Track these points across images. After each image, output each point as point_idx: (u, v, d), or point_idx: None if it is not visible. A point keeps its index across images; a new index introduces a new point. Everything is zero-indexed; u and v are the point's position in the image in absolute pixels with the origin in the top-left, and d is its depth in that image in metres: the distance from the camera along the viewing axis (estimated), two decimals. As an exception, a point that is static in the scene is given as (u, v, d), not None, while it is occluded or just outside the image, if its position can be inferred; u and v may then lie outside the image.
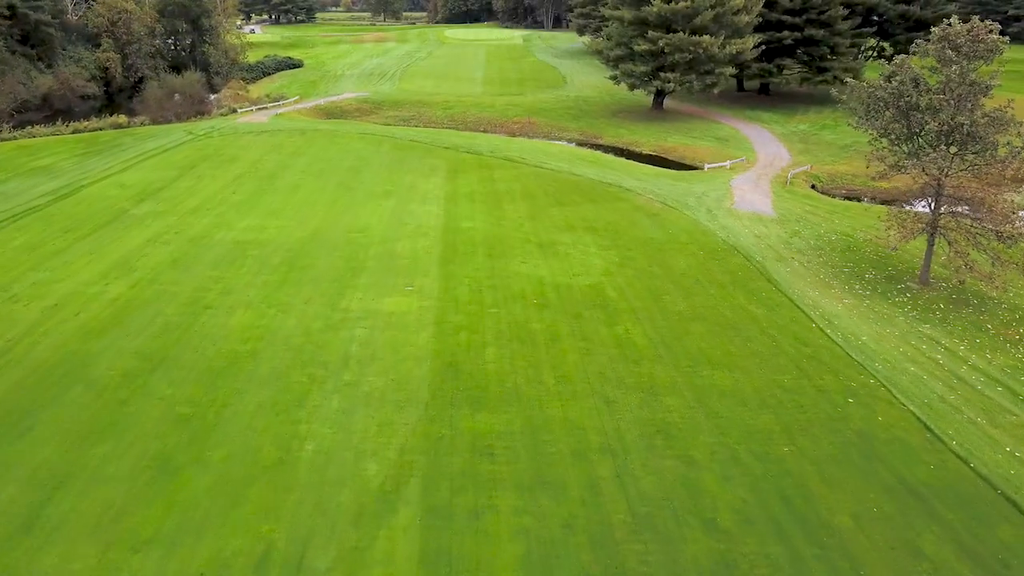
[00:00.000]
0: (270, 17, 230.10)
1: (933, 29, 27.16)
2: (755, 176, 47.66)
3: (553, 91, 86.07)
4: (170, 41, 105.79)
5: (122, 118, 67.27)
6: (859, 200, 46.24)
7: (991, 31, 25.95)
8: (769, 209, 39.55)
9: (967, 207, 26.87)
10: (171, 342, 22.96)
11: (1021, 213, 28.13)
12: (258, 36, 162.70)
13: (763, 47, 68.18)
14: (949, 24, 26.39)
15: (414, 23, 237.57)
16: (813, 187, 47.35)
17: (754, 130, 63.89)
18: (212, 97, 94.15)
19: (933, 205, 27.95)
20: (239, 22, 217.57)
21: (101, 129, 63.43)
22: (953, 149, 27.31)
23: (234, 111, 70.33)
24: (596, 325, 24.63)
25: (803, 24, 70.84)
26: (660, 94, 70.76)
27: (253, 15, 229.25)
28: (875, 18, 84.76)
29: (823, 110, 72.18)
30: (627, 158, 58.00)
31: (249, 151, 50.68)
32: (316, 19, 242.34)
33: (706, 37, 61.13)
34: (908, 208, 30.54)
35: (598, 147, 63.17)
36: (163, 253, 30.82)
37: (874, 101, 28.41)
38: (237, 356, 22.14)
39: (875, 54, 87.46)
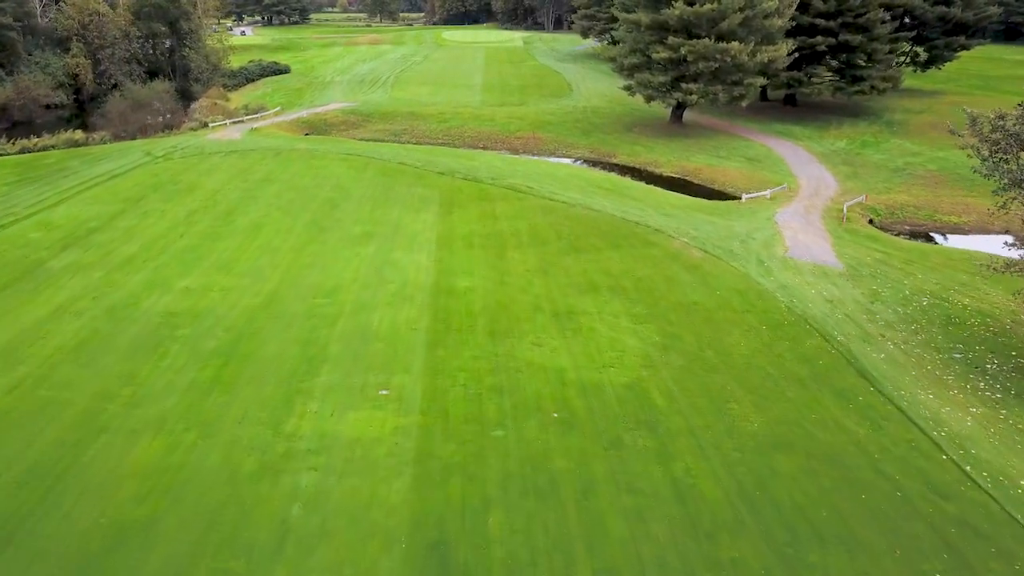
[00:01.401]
0: (263, 19, 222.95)
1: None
2: (803, 209, 40.61)
3: (558, 100, 79.06)
4: (148, 45, 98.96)
5: (78, 134, 60.27)
6: (929, 239, 39.31)
7: None
8: (832, 257, 32.49)
9: None
10: (33, 500, 15.84)
11: None
12: (248, 38, 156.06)
13: (795, 54, 61.15)
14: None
15: (411, 24, 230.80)
16: (871, 222, 40.29)
17: (787, 148, 56.87)
18: (192, 106, 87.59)
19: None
20: (230, 23, 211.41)
21: (53, 147, 56.37)
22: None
23: (205, 125, 63.22)
24: (644, 461, 17.53)
25: (838, 28, 63.90)
26: (680, 107, 63.71)
27: (245, 16, 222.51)
28: (907, 20, 77.95)
29: (859, 123, 65.28)
30: (646, 182, 50.99)
31: (211, 178, 43.56)
32: (311, 20, 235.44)
33: (734, 44, 54.12)
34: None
35: (612, 167, 56.19)
36: (68, 332, 23.68)
37: (1006, 138, 21.36)
38: (122, 529, 15.03)
39: (907, 60, 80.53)
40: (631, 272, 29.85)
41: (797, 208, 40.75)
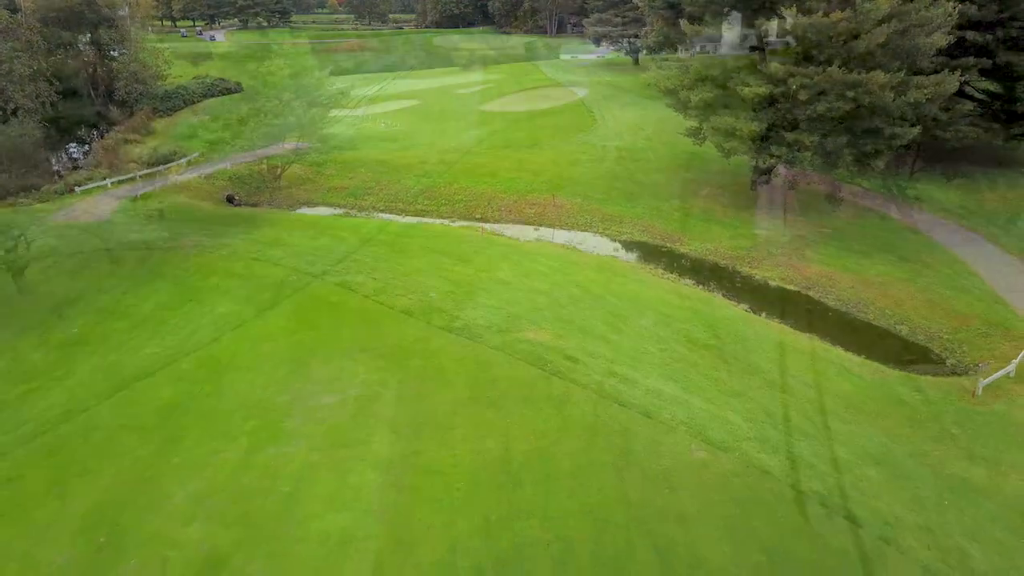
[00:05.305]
0: (241, 22, 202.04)
1: None
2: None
3: (580, 137, 58.99)
4: (62, 59, 79.05)
5: None
6: None
7: None
8: None
9: None
10: None
11: None
12: (213, 44, 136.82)
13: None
14: None
15: (401, 27, 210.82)
16: None
17: (953, 234, 36.88)
18: (93, 145, 67.89)
19: None
20: (200, 27, 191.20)
21: None
22: None
23: (72, 189, 42.96)
24: None
25: (994, 45, 44.02)
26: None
27: (219, 19, 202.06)
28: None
29: (1018, 181, 45.41)
30: (749, 304, 30.99)
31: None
32: (293, 23, 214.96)
33: (876, 73, 34.16)
34: None
35: (681, 264, 36.14)
36: None
37: None
38: None
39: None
40: None
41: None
